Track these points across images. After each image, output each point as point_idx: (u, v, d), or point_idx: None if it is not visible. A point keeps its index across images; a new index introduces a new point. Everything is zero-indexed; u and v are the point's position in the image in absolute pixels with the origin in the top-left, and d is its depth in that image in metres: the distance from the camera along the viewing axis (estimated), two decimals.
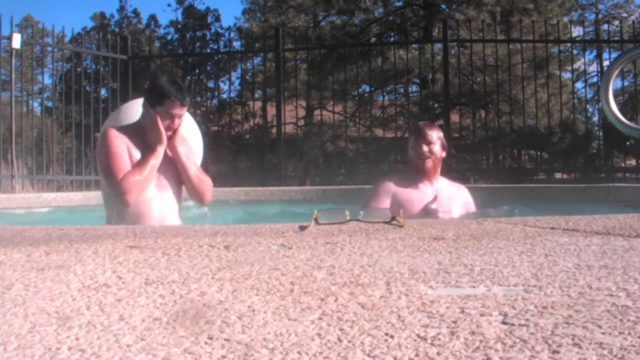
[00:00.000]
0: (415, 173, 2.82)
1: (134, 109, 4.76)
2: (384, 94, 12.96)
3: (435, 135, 2.82)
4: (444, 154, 2.87)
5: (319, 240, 1.36)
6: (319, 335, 0.64)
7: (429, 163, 2.79)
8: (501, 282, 0.89)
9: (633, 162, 9.88)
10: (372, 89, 11.53)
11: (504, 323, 0.67)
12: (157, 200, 2.52)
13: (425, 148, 2.79)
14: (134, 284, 0.92)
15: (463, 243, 1.29)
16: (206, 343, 0.62)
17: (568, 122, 10.07)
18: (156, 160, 2.51)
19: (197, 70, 17.31)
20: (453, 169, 8.18)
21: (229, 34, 18.99)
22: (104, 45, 7.63)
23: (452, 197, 2.82)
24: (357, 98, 10.85)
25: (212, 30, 21.27)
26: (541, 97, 9.28)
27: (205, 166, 3.33)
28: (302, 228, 1.55)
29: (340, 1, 15.00)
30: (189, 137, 4.57)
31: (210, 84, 17.79)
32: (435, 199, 2.74)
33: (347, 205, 2.38)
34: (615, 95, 3.61)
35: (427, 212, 2.69)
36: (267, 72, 9.22)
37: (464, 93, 9.91)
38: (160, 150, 2.53)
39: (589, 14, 20.27)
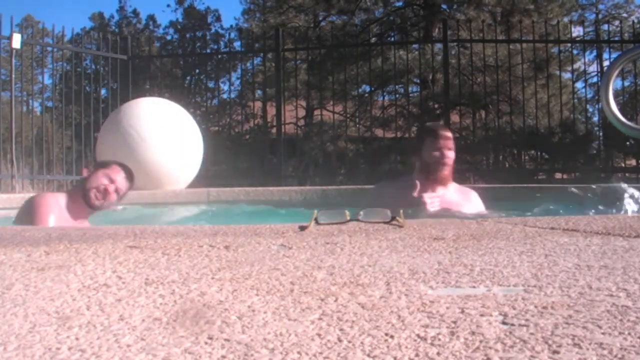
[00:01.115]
0: (430, 179, 2.60)
1: (134, 109, 4.78)
2: (384, 94, 12.97)
3: (452, 141, 2.65)
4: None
5: (319, 240, 1.36)
6: (319, 335, 0.64)
7: (448, 170, 2.60)
8: (501, 282, 0.89)
9: (633, 162, 9.88)
10: (372, 89, 11.53)
11: (504, 323, 0.67)
12: None
13: (448, 153, 2.59)
14: (134, 284, 0.92)
15: (463, 243, 1.29)
16: (206, 343, 0.62)
17: (568, 123, 10.07)
18: None
19: (197, 71, 17.32)
20: (453, 169, 8.18)
21: (229, 34, 19.02)
22: (104, 46, 7.63)
23: (458, 203, 2.63)
24: (357, 98, 10.85)
25: (212, 30, 21.30)
26: (541, 97, 9.29)
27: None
28: (302, 228, 1.55)
29: (340, 1, 15.00)
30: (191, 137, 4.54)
31: (210, 84, 17.80)
32: (416, 187, 2.50)
33: (347, 205, 2.38)
34: (615, 95, 3.61)
35: (414, 203, 2.43)
36: (267, 72, 9.22)
37: (464, 94, 9.91)
38: None
39: (589, 14, 20.27)
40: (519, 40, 8.81)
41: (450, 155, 2.62)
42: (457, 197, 2.67)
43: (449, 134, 2.65)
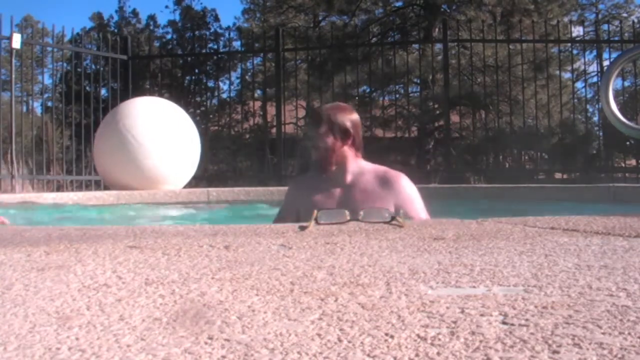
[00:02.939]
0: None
1: (130, 110, 4.78)
2: (384, 94, 12.97)
3: (327, 123, 2.32)
4: (347, 142, 2.33)
5: (319, 240, 1.36)
6: (319, 335, 0.64)
7: (316, 155, 2.34)
8: (501, 282, 0.89)
9: (633, 162, 9.88)
10: (372, 89, 11.54)
11: (504, 323, 0.67)
12: None
13: (314, 138, 2.34)
14: (134, 284, 0.92)
15: (463, 243, 1.29)
16: (206, 343, 0.62)
17: (568, 123, 10.08)
18: None
19: (196, 70, 17.31)
20: (453, 169, 8.19)
21: (229, 34, 19.00)
22: (104, 46, 7.64)
23: (369, 192, 2.31)
24: (357, 98, 10.84)
25: (212, 30, 21.30)
26: (541, 97, 9.29)
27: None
28: (302, 228, 1.55)
29: (341, 1, 14.99)
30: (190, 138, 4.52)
31: (210, 84, 17.80)
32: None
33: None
34: (615, 95, 3.61)
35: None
36: (267, 72, 9.22)
37: (464, 94, 9.91)
38: None
39: (589, 14, 20.28)
40: (519, 40, 8.81)
41: (325, 140, 2.30)
42: (370, 186, 2.34)
43: (323, 116, 2.34)
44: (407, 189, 2.33)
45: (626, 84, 14.64)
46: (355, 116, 2.41)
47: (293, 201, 2.48)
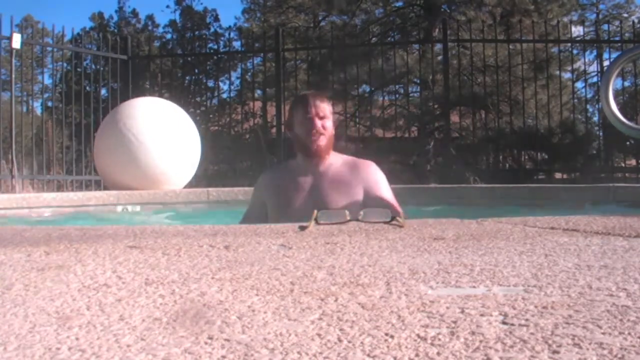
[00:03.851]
0: (304, 155, 2.38)
1: (131, 109, 4.78)
2: (384, 94, 12.95)
3: (328, 109, 2.37)
4: (334, 128, 2.42)
5: (319, 240, 1.36)
6: (319, 335, 0.64)
7: (322, 141, 2.33)
8: (501, 282, 0.89)
9: (633, 162, 9.88)
10: (372, 89, 11.53)
11: (504, 323, 0.67)
12: None
13: (318, 123, 2.32)
14: (134, 284, 0.92)
15: (463, 243, 1.29)
16: (206, 343, 0.62)
17: (568, 123, 10.07)
18: None
19: (196, 70, 17.31)
20: (453, 169, 8.18)
21: (229, 34, 19.01)
22: (104, 46, 7.64)
23: (339, 180, 2.34)
24: (357, 98, 10.84)
25: (212, 30, 21.31)
26: (541, 97, 9.28)
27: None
28: (302, 228, 1.55)
29: (341, 2, 14.98)
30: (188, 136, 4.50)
31: (210, 84, 17.80)
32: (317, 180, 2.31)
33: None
34: (615, 95, 3.61)
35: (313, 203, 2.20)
36: (267, 72, 9.22)
37: (464, 94, 9.90)
38: None
39: (589, 14, 20.28)
40: (519, 40, 8.80)
41: (326, 125, 2.34)
42: (344, 172, 2.38)
43: (321, 101, 2.37)
44: (375, 174, 2.44)
45: (626, 84, 14.65)
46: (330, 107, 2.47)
47: (259, 194, 2.46)
